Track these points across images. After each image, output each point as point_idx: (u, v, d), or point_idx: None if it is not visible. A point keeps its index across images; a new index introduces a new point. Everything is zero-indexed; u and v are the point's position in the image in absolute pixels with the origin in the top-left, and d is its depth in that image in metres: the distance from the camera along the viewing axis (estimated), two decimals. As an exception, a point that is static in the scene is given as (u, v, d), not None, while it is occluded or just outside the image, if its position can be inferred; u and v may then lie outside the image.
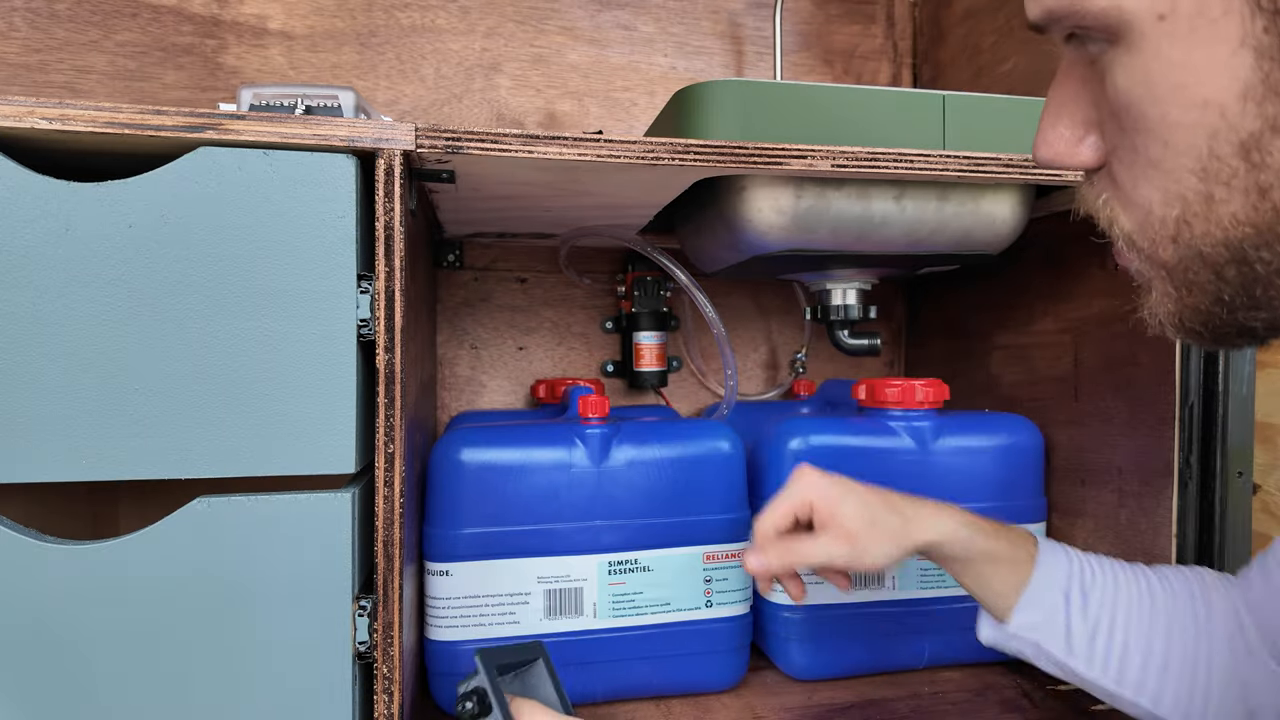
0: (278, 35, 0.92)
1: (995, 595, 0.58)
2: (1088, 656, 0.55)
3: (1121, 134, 0.34)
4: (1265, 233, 0.31)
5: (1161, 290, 0.36)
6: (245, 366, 0.50)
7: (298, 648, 0.50)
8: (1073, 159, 0.37)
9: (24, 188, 0.47)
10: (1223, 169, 0.31)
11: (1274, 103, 0.29)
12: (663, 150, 0.58)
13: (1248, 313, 0.33)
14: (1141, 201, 0.34)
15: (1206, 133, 0.30)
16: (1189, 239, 0.33)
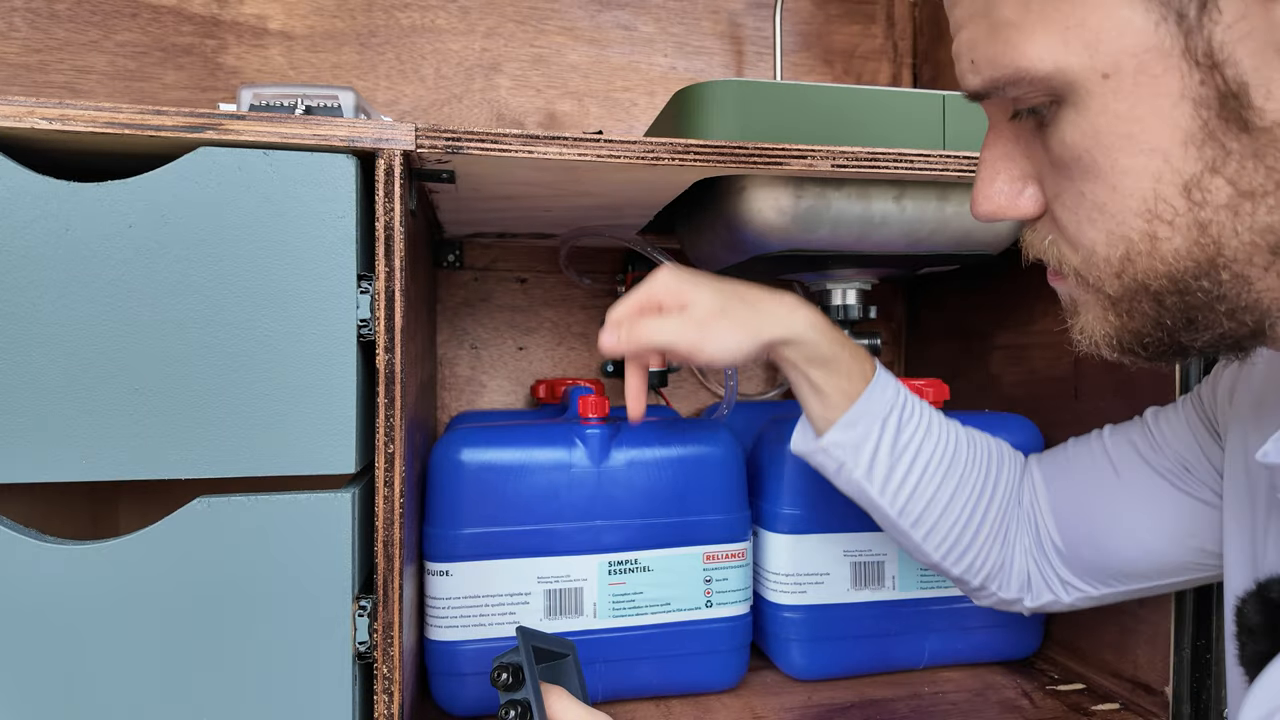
0: (278, 35, 0.92)
1: (823, 405, 0.60)
2: (882, 483, 0.60)
3: (1067, 182, 0.36)
4: (1205, 264, 0.33)
5: (1099, 315, 0.39)
6: (245, 366, 0.50)
7: (298, 648, 0.50)
8: (1014, 211, 0.40)
9: (24, 188, 0.47)
10: (1166, 209, 0.33)
11: (1211, 146, 0.32)
12: (663, 150, 0.58)
13: (1186, 334, 0.36)
14: (1086, 243, 0.37)
15: (1152, 177, 0.33)
16: (1133, 274, 0.35)
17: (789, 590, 0.76)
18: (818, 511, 0.75)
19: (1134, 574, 0.58)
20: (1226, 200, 0.32)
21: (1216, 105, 0.31)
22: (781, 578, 0.76)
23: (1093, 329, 0.39)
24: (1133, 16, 0.32)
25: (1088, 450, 0.61)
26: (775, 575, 0.76)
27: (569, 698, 0.51)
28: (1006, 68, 0.35)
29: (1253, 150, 0.31)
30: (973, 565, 0.62)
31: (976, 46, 0.36)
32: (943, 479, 0.60)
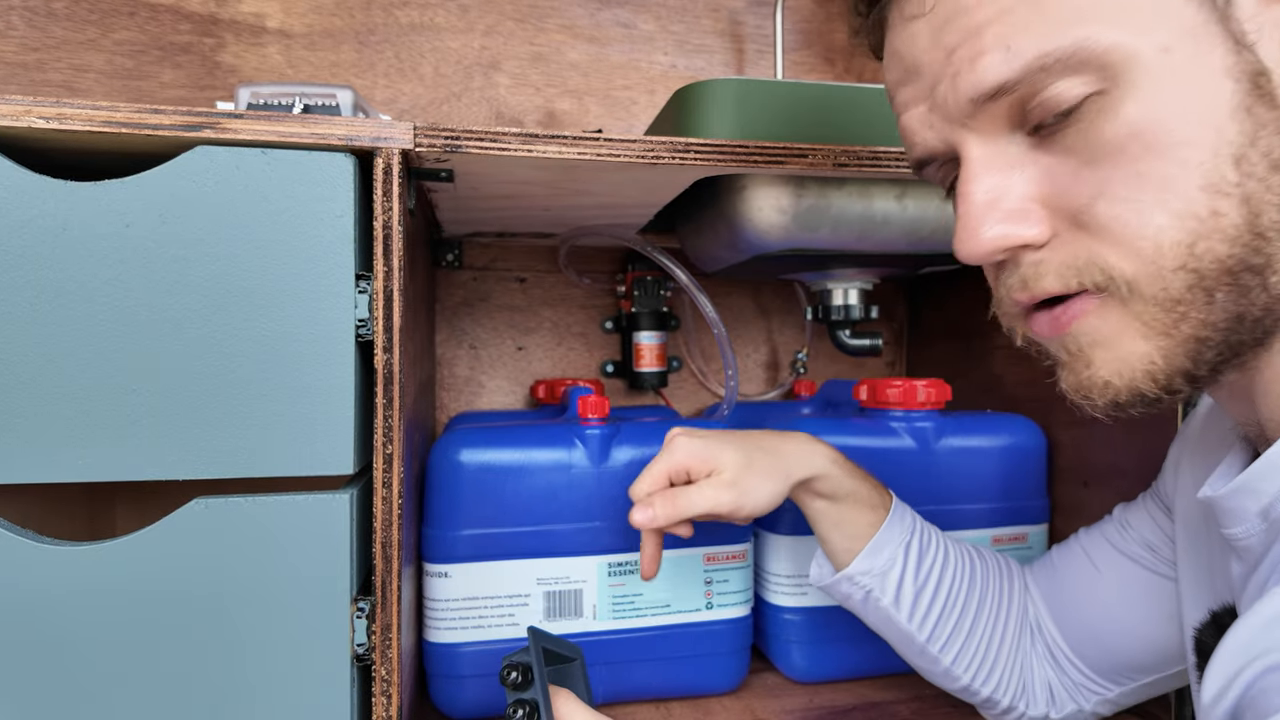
0: (276, 34, 0.92)
1: (846, 537, 0.61)
2: (910, 609, 0.60)
3: (1117, 171, 0.35)
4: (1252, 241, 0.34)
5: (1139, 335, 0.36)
6: (242, 366, 0.50)
7: (296, 650, 0.50)
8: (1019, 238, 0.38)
9: (21, 187, 0.47)
10: (1223, 181, 0.34)
11: (1251, 119, 0.33)
12: (663, 149, 0.58)
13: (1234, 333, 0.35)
14: (1151, 233, 0.35)
15: (1211, 148, 0.34)
16: (1195, 263, 0.34)
17: (790, 592, 0.75)
18: (819, 512, 0.75)
19: (1142, 666, 0.59)
20: (1263, 173, 0.33)
21: (1250, 81, 0.33)
22: (782, 579, 0.76)
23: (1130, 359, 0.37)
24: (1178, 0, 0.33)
25: (1069, 552, 0.63)
26: (776, 576, 0.76)
27: (576, 701, 0.50)
28: (1061, 43, 0.34)
29: (1277, 125, 0.33)
30: (1000, 683, 0.62)
31: (1018, 32, 0.35)
32: (965, 598, 0.61)
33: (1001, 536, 0.80)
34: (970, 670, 0.62)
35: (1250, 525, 0.40)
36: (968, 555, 0.64)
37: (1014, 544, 0.80)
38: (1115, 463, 0.76)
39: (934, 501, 0.77)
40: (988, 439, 0.79)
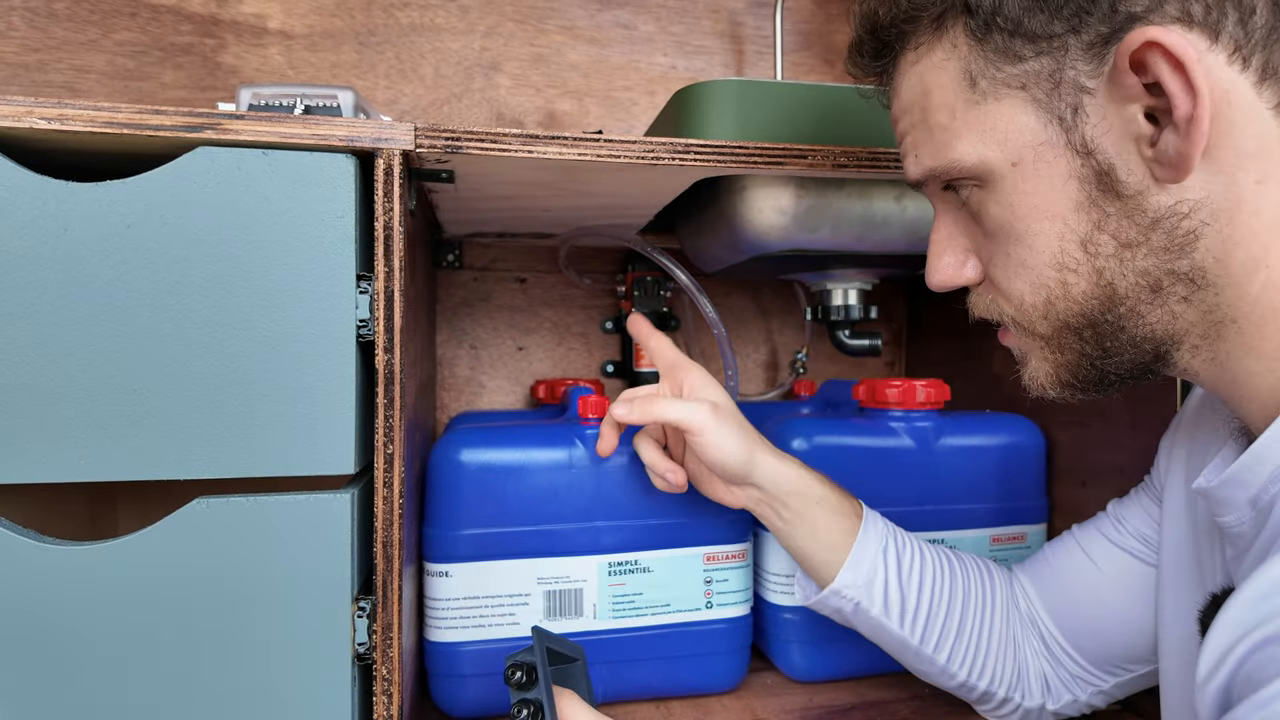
0: (277, 35, 0.92)
1: (824, 548, 0.62)
2: (899, 615, 0.62)
3: (997, 247, 0.46)
4: (1105, 301, 0.43)
5: (1039, 357, 0.48)
6: (244, 367, 0.50)
7: (297, 649, 0.50)
8: (960, 279, 0.50)
9: (22, 188, 0.47)
10: (1070, 260, 0.43)
11: (1096, 211, 0.42)
12: (663, 150, 0.58)
13: (1104, 362, 0.45)
14: (1016, 294, 0.46)
15: (1057, 236, 0.43)
16: (1055, 314, 0.45)
17: (789, 591, 0.75)
18: (818, 512, 0.75)
19: (1136, 656, 0.61)
20: (1113, 251, 0.42)
21: (1095, 180, 0.42)
22: (782, 579, 0.76)
23: (1037, 371, 0.48)
24: (1029, 120, 0.42)
25: (1063, 547, 0.65)
26: (776, 576, 0.76)
27: (580, 702, 0.51)
28: (943, 160, 0.46)
29: (1125, 212, 0.41)
30: (995, 675, 0.63)
31: (919, 146, 0.48)
32: (949, 595, 0.63)
33: (1000, 536, 0.80)
34: (965, 666, 0.63)
35: (1241, 513, 0.44)
36: (942, 553, 0.65)
37: (1013, 544, 0.80)
38: (1113, 462, 0.76)
39: (933, 501, 0.77)
40: (987, 439, 0.79)
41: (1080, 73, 0.41)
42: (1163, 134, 0.39)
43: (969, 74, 0.44)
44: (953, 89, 0.45)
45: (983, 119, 0.44)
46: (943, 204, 0.50)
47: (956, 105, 0.44)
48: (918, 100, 0.47)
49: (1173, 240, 0.41)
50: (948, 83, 0.45)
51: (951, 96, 0.45)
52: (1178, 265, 0.41)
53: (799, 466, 0.63)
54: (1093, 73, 0.40)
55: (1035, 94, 0.42)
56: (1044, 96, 0.42)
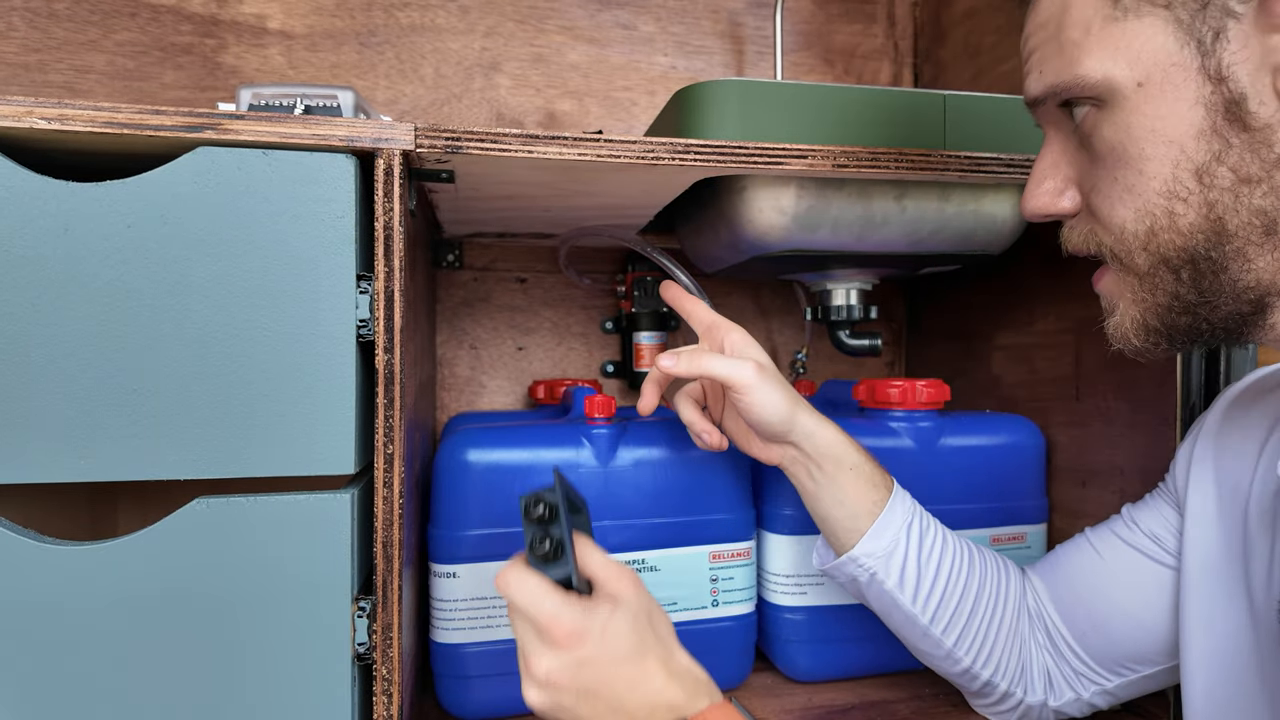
0: (277, 35, 0.92)
1: (849, 516, 0.62)
2: (914, 591, 0.62)
3: (1104, 171, 0.45)
4: (1212, 237, 0.42)
5: (1129, 300, 0.46)
6: (244, 367, 0.50)
7: (297, 649, 0.50)
8: (1055, 208, 0.49)
9: (23, 188, 0.47)
10: (1182, 189, 0.42)
11: (1218, 140, 0.41)
12: (663, 150, 0.58)
13: (1199, 307, 0.44)
14: (1118, 221, 0.45)
15: (1172, 163, 0.42)
16: (1156, 246, 0.43)
17: (790, 591, 0.76)
18: (818, 512, 0.75)
19: (1142, 656, 0.61)
20: (1229, 184, 0.41)
21: (1222, 109, 0.40)
22: (782, 579, 0.76)
23: (1124, 318, 0.47)
24: (1165, 40, 0.41)
25: (1075, 546, 0.65)
26: (776, 576, 0.76)
27: (597, 548, 0.51)
28: (1066, 75, 0.44)
29: (1249, 145, 0.40)
30: (1000, 666, 0.63)
31: (1046, 61, 0.46)
32: (965, 581, 0.63)
33: (1000, 536, 0.80)
34: (971, 653, 0.63)
35: None
36: (964, 542, 0.65)
37: (1012, 544, 0.80)
38: (1113, 462, 0.76)
39: (933, 501, 0.76)
40: (987, 439, 0.79)
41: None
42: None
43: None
44: (1094, 3, 0.43)
45: (1118, 35, 0.42)
46: (1054, 128, 0.48)
47: (1094, 20, 0.43)
48: (1055, 15, 0.45)
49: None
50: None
51: (1091, 11, 0.43)
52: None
53: (837, 431, 0.62)
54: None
55: (1179, 14, 0.41)
56: (1187, 17, 0.40)
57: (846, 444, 0.62)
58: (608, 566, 0.50)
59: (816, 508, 0.63)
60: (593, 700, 0.47)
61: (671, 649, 0.50)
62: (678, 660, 0.50)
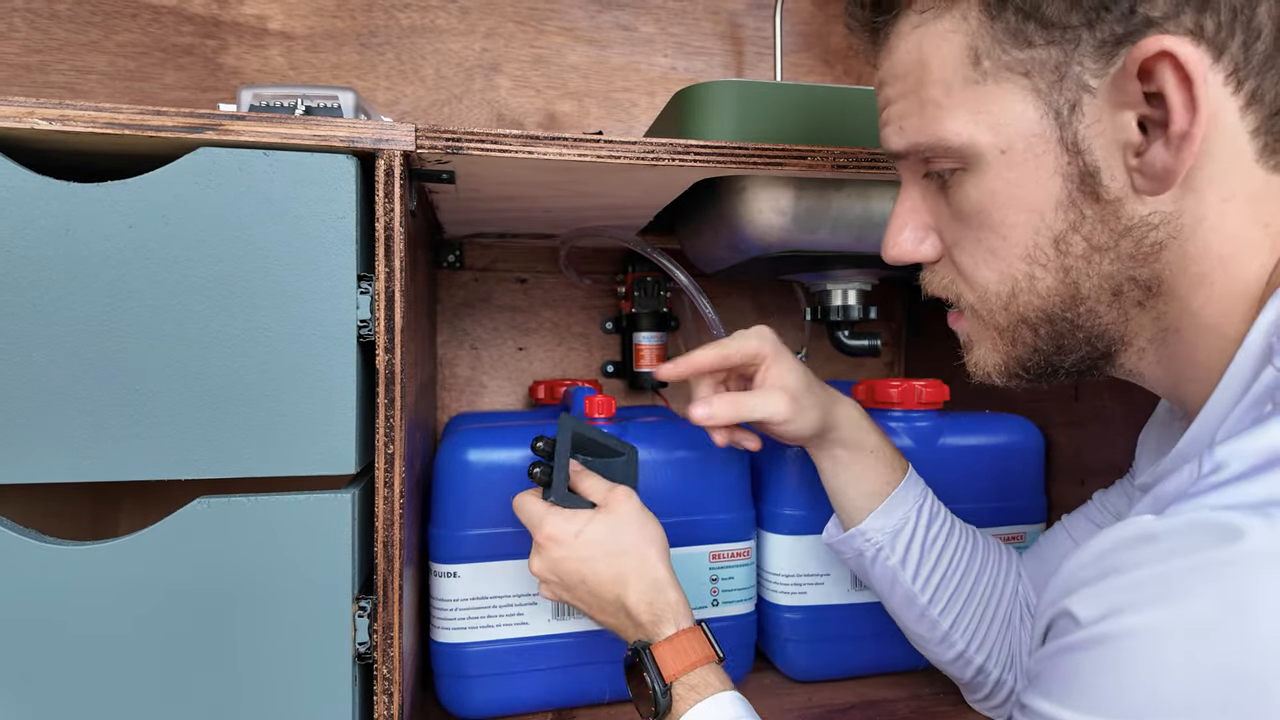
0: (278, 36, 0.92)
1: (862, 494, 0.64)
2: (915, 569, 0.63)
3: (968, 231, 0.46)
4: (1067, 300, 0.43)
5: (990, 346, 0.48)
6: (245, 367, 0.50)
7: (297, 649, 0.50)
8: (917, 255, 0.50)
9: (24, 188, 0.47)
10: (1041, 256, 0.43)
11: (1074, 211, 0.42)
12: (663, 151, 0.58)
13: (1056, 357, 0.46)
14: (981, 281, 0.46)
15: (1033, 230, 0.43)
16: (1016, 307, 0.45)
17: (789, 591, 0.76)
18: (817, 512, 0.75)
19: None
20: (1083, 252, 0.42)
21: (1078, 180, 0.41)
22: (782, 579, 0.76)
23: (985, 359, 0.49)
24: (1025, 109, 0.41)
25: (1053, 537, 0.66)
26: (775, 576, 0.76)
27: (596, 477, 0.59)
28: (930, 136, 0.45)
29: (1101, 216, 0.41)
30: (993, 653, 0.64)
31: (906, 117, 0.46)
32: (966, 566, 0.64)
33: (1000, 536, 0.79)
34: (966, 636, 0.64)
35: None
36: (970, 530, 0.67)
37: (1012, 543, 0.80)
38: (1111, 462, 0.76)
39: (933, 501, 0.77)
40: (986, 439, 0.80)
41: (1086, 70, 0.40)
42: (1151, 146, 0.39)
43: (974, 51, 0.42)
44: (953, 64, 0.43)
45: (979, 100, 0.42)
46: (912, 177, 0.49)
47: (954, 82, 0.43)
48: (912, 69, 0.45)
49: (1139, 249, 0.41)
50: (949, 56, 0.43)
51: (950, 72, 0.43)
52: (1139, 273, 0.42)
53: (860, 416, 0.65)
54: (1098, 72, 0.40)
55: (1037, 83, 0.41)
56: (1045, 88, 0.41)
57: (866, 429, 0.64)
58: (602, 489, 0.59)
59: (832, 483, 0.66)
60: (574, 590, 0.58)
61: (648, 561, 0.57)
62: (653, 574, 0.56)
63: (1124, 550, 0.33)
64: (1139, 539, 0.33)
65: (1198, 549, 0.31)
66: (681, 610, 0.56)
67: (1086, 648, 0.32)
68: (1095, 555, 0.34)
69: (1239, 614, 0.29)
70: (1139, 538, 0.33)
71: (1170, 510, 0.33)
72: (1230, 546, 0.30)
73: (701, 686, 0.52)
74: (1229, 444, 0.34)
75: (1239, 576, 0.29)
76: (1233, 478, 0.32)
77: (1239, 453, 0.33)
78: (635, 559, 0.57)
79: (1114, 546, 0.34)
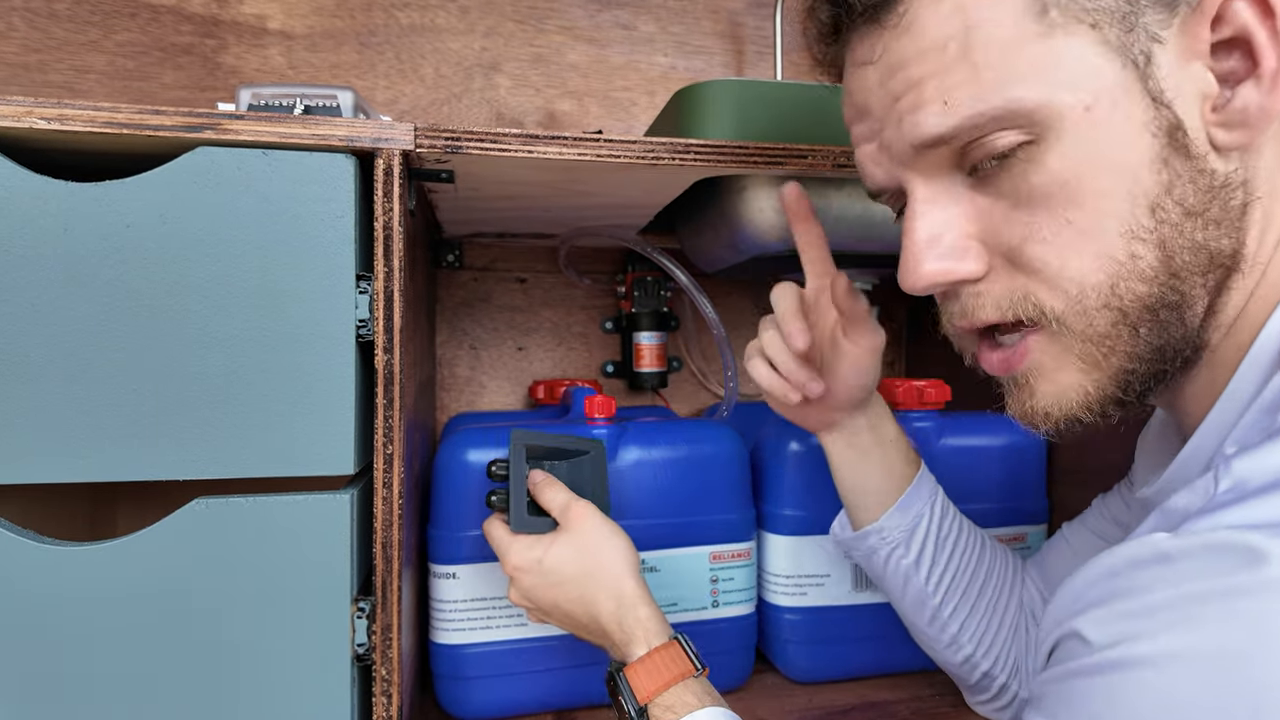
0: (277, 35, 0.92)
1: (876, 487, 0.63)
2: (929, 569, 0.62)
3: (1040, 217, 0.38)
4: (1167, 281, 0.37)
5: (1077, 369, 0.40)
6: (243, 367, 0.50)
7: (296, 650, 0.50)
8: (959, 273, 0.41)
9: (22, 188, 0.47)
10: (1140, 227, 0.37)
11: (1167, 170, 0.36)
12: (663, 150, 0.58)
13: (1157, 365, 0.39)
14: (1073, 274, 0.38)
15: (1129, 197, 0.37)
16: (1119, 302, 0.38)
17: (790, 592, 0.75)
18: (818, 513, 0.75)
19: None
20: (1177, 219, 0.37)
21: (1167, 135, 0.36)
22: (782, 579, 0.76)
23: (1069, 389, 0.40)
24: (1101, 62, 0.36)
25: (1054, 542, 0.66)
26: (776, 577, 0.76)
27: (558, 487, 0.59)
28: (996, 104, 0.37)
29: (1192, 175, 0.36)
30: (999, 658, 0.64)
31: (955, 89, 0.38)
32: (975, 568, 0.63)
33: (1001, 537, 0.80)
34: (974, 640, 0.63)
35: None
36: (979, 532, 0.66)
37: (1013, 544, 0.80)
38: (1114, 463, 0.75)
39: (934, 502, 0.77)
40: (988, 439, 0.79)
41: (1152, 20, 0.36)
42: (1238, 90, 0.36)
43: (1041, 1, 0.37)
44: (1014, 18, 0.37)
45: (1049, 55, 0.37)
46: (930, 178, 0.41)
47: (1017, 39, 0.37)
48: (954, 35, 0.38)
49: (1226, 213, 0.37)
50: (1007, 11, 0.37)
51: (1011, 28, 0.37)
52: (1222, 244, 0.37)
53: (880, 404, 0.64)
54: (1164, 22, 0.36)
55: (1108, 34, 0.36)
56: (1116, 39, 0.36)
57: (886, 418, 0.64)
58: (560, 503, 0.58)
59: (848, 475, 0.64)
60: (552, 615, 0.58)
61: (614, 577, 0.56)
62: (619, 591, 0.55)
63: (1136, 571, 0.31)
64: (1153, 559, 0.31)
65: (1217, 573, 0.28)
66: (652, 626, 0.54)
67: (1097, 674, 0.31)
68: (1106, 573, 0.33)
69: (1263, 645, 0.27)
70: (1153, 558, 0.31)
71: (1185, 528, 0.31)
72: (1252, 571, 0.28)
73: (678, 706, 0.50)
74: (1246, 457, 0.31)
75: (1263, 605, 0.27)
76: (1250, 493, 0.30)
77: (1258, 467, 0.31)
78: (601, 578, 0.55)
79: (1126, 566, 0.32)
